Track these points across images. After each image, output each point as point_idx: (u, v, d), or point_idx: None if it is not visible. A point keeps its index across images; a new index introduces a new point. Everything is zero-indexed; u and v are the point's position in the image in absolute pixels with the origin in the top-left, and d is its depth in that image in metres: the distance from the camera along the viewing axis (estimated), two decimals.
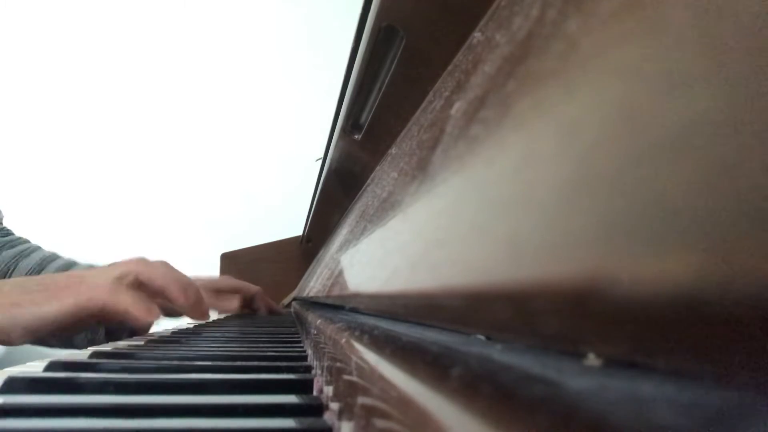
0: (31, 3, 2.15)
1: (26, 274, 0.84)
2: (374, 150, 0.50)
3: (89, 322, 0.64)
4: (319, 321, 0.39)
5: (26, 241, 0.92)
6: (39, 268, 0.85)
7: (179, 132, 2.21)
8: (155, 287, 0.64)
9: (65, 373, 0.32)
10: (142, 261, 0.66)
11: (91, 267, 0.86)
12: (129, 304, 0.59)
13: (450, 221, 0.15)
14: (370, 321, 0.29)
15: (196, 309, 0.68)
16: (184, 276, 0.69)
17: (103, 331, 0.80)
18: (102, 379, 0.30)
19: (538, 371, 0.10)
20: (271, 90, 2.22)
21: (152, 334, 0.67)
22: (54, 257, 0.89)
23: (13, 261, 0.85)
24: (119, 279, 0.62)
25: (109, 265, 0.67)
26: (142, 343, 0.53)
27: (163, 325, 0.77)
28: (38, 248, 0.91)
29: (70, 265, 0.88)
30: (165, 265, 0.68)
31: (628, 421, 0.07)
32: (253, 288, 1.13)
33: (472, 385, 0.10)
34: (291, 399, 0.28)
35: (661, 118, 0.07)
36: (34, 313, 0.59)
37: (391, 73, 0.39)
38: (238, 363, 0.39)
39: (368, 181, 0.54)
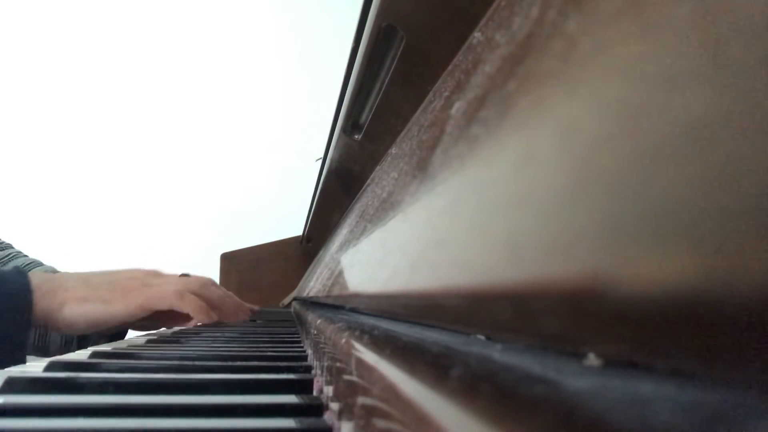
0: (18, 5, 2.15)
1: None
2: (374, 150, 0.50)
3: (147, 322, 0.75)
4: (319, 321, 0.39)
5: (9, 246, 0.90)
6: None
7: (179, 132, 2.21)
8: (211, 304, 0.76)
9: (65, 373, 0.32)
10: (202, 283, 0.77)
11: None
12: (193, 308, 0.71)
13: (450, 221, 0.15)
14: (370, 321, 0.29)
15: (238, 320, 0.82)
16: (232, 295, 0.84)
17: (76, 339, 0.80)
18: (102, 379, 0.30)
19: (538, 371, 0.10)
20: (271, 90, 2.22)
21: (152, 334, 0.67)
22: (35, 265, 0.88)
23: None
24: (184, 286, 0.73)
25: (172, 277, 0.77)
26: (142, 343, 0.53)
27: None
28: (17, 255, 0.89)
29: (51, 273, 0.87)
30: (218, 287, 0.81)
31: (628, 421, 0.07)
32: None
33: (472, 385, 0.10)
34: (291, 399, 0.28)
35: (661, 118, 0.07)
36: (102, 310, 0.68)
37: (391, 73, 0.39)
38: (238, 363, 0.39)
39: (368, 181, 0.54)
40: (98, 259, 2.03)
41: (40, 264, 0.89)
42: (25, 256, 0.90)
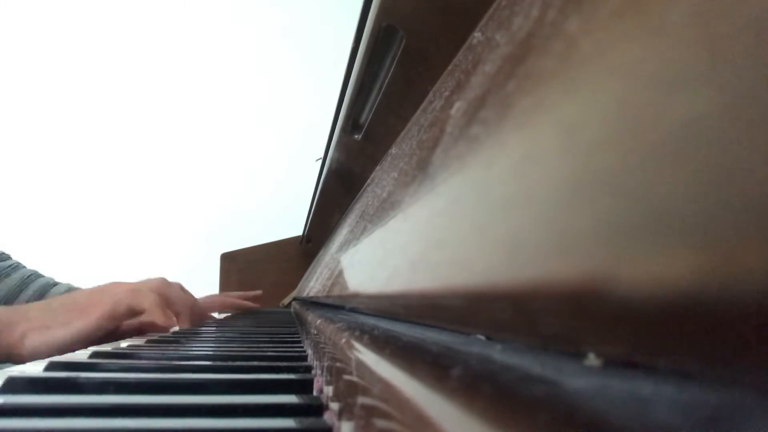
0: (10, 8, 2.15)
1: (6, 294, 0.83)
2: (374, 150, 0.50)
3: (116, 329, 0.70)
4: (319, 321, 0.39)
5: (8, 257, 0.89)
6: (19, 288, 0.84)
7: (179, 132, 2.21)
8: (172, 308, 0.72)
9: (65, 373, 0.32)
10: (165, 282, 0.73)
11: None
12: (149, 303, 0.66)
13: (450, 221, 0.15)
14: (370, 321, 0.29)
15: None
16: (194, 303, 0.80)
17: None
18: (102, 379, 0.30)
19: (538, 371, 0.10)
20: (272, 90, 2.22)
21: (152, 334, 0.67)
22: (36, 276, 0.88)
23: None
24: (142, 284, 0.70)
25: (132, 282, 0.73)
26: (142, 343, 0.53)
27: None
28: (18, 266, 0.88)
29: (50, 286, 0.87)
30: (182, 288, 0.77)
31: (628, 421, 0.07)
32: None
33: (472, 385, 0.10)
34: (291, 399, 0.28)
35: (661, 118, 0.07)
36: (64, 334, 0.64)
37: (391, 73, 0.39)
38: (238, 363, 0.39)
39: (368, 181, 0.54)
40: (98, 260, 2.03)
41: (40, 276, 0.89)
42: (25, 267, 0.90)
